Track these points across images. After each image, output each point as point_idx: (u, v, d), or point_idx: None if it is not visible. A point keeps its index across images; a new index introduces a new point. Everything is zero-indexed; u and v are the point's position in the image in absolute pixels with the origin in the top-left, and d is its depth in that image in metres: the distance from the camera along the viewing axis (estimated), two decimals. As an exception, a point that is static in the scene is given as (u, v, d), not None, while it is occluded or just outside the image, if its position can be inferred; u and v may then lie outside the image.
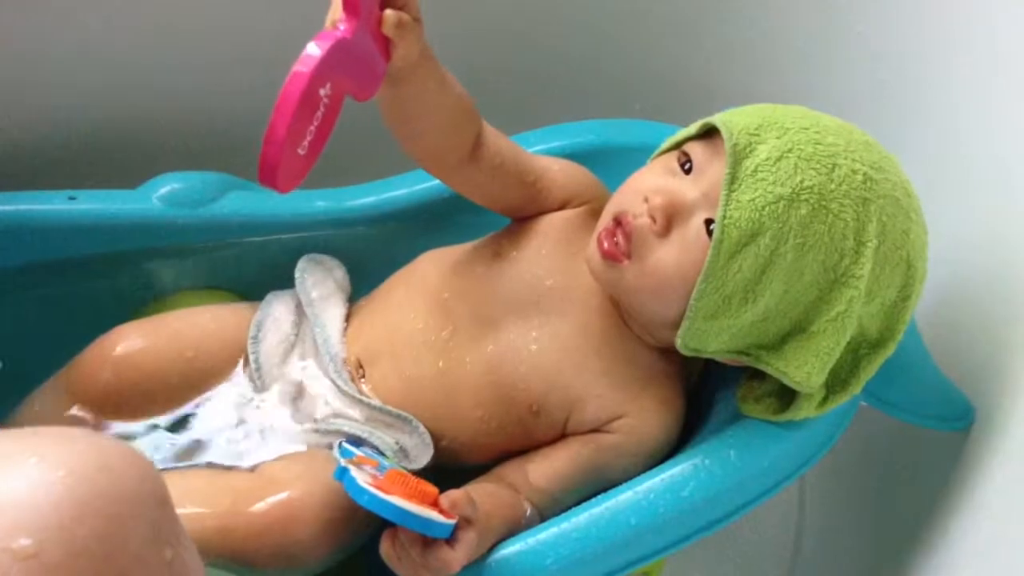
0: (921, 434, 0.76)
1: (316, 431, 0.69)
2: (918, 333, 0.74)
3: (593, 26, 1.02)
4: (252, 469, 0.67)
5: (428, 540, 0.59)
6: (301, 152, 0.56)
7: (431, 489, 0.60)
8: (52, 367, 0.75)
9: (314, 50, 0.55)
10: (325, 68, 0.55)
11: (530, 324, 0.70)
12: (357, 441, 0.68)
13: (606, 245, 0.65)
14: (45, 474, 0.41)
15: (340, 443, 0.67)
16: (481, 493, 0.63)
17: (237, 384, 0.72)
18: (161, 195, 0.79)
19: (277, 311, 0.75)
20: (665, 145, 0.69)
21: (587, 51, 1.03)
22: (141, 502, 0.43)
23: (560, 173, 0.74)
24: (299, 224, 0.81)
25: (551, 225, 0.73)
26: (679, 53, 1.02)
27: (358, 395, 0.70)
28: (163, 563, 0.43)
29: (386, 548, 0.60)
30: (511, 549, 0.63)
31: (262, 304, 0.75)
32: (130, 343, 0.71)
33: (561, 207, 0.74)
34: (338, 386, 0.70)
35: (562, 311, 0.70)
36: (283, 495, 0.63)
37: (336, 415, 0.70)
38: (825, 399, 0.67)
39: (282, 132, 0.54)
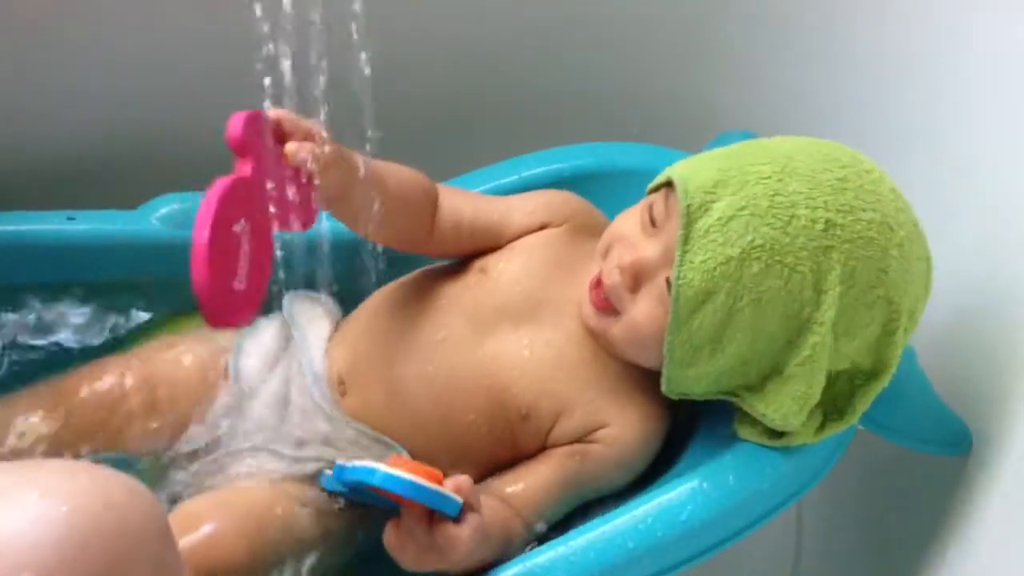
0: (919, 459, 0.76)
1: (295, 460, 0.69)
2: (916, 358, 0.74)
3: (592, 48, 1.03)
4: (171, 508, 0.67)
5: (434, 520, 0.60)
6: (240, 285, 0.58)
7: (436, 472, 0.60)
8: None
9: (211, 195, 0.57)
10: (226, 208, 0.57)
11: (523, 331, 0.71)
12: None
13: (594, 296, 0.68)
14: (47, 510, 0.41)
15: (323, 473, 0.68)
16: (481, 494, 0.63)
17: (219, 408, 0.72)
18: (160, 216, 0.79)
19: (262, 332, 0.75)
20: (652, 184, 0.70)
21: (586, 73, 1.04)
22: (144, 539, 0.43)
23: (530, 203, 0.76)
24: (299, 243, 0.80)
25: (536, 241, 0.74)
26: (679, 75, 1.02)
27: (340, 416, 0.70)
28: None
29: (390, 535, 0.61)
30: (507, 573, 0.63)
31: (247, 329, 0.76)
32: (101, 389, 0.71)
33: (540, 229, 0.75)
34: (322, 408, 0.71)
35: (554, 321, 0.71)
36: (199, 533, 0.62)
37: (317, 441, 0.70)
38: (822, 426, 0.67)
39: (204, 278, 0.56)
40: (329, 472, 0.66)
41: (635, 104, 1.04)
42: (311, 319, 0.76)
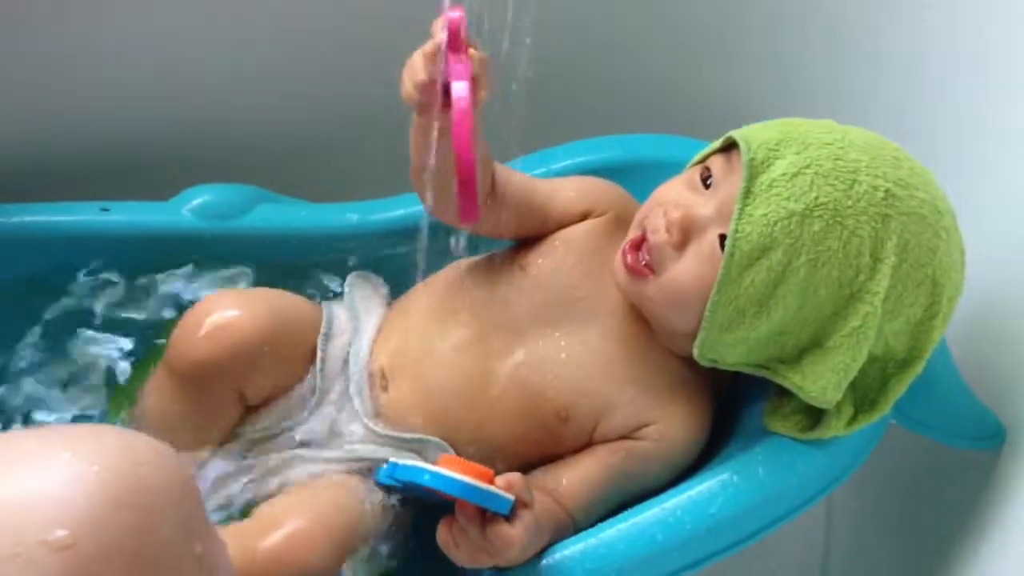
0: (950, 453, 0.75)
1: (343, 459, 0.69)
2: (948, 351, 0.73)
3: (618, 41, 1.02)
4: (248, 513, 0.67)
5: (487, 519, 0.60)
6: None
7: (486, 470, 0.61)
8: (81, 375, 0.76)
9: (462, 88, 0.57)
10: (472, 90, 0.58)
11: (559, 333, 0.70)
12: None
13: (629, 259, 0.67)
14: (79, 469, 0.42)
15: (377, 467, 0.68)
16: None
17: (303, 395, 0.72)
18: (192, 207, 0.80)
19: (339, 315, 0.76)
20: (696, 157, 0.70)
21: (613, 66, 1.03)
22: (172, 497, 0.44)
23: (573, 188, 0.75)
24: (329, 236, 0.81)
25: (575, 235, 0.73)
26: (706, 68, 1.02)
27: (372, 423, 0.70)
28: (194, 557, 0.44)
29: (443, 534, 0.61)
30: (537, 564, 0.63)
31: (324, 305, 0.76)
32: (223, 307, 0.71)
33: (582, 219, 0.74)
34: (355, 409, 0.71)
35: (591, 319, 0.70)
36: (283, 531, 0.63)
37: (357, 440, 0.70)
38: (854, 418, 0.67)
39: (473, 163, 0.55)
40: (383, 466, 0.66)
41: (659, 97, 1.03)
42: (368, 313, 0.76)
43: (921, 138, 0.78)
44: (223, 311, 0.70)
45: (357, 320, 0.75)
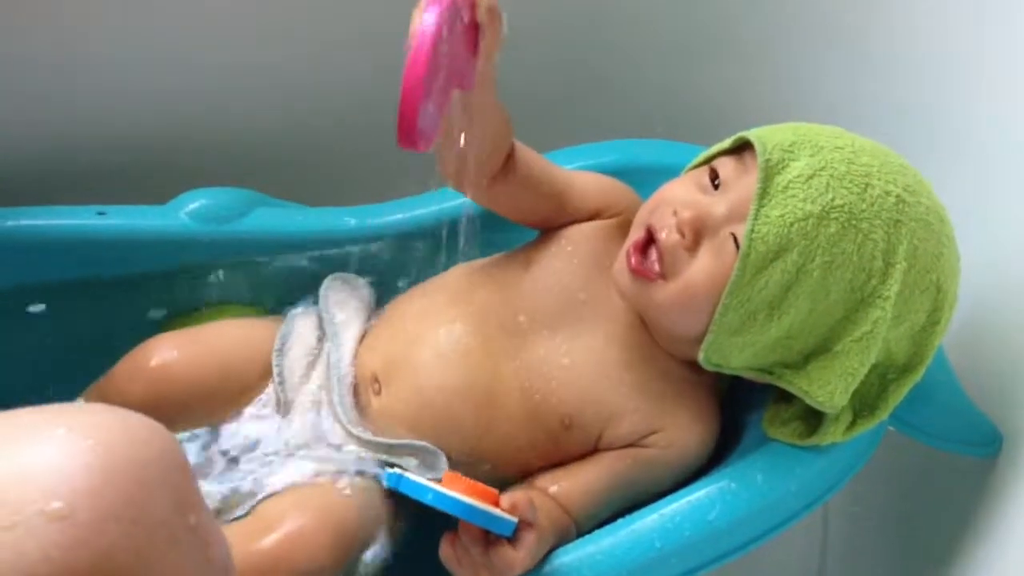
0: (947, 459, 0.76)
1: (330, 459, 0.68)
2: (946, 358, 0.73)
3: (615, 47, 1.02)
4: (247, 513, 0.67)
5: (490, 540, 0.60)
6: (429, 108, 0.56)
7: (491, 490, 0.60)
8: (79, 380, 0.76)
9: (431, 14, 0.56)
10: (443, 23, 0.56)
11: (561, 337, 0.70)
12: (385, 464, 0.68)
13: (634, 262, 0.66)
14: (75, 443, 0.43)
15: (385, 471, 0.67)
16: (536, 500, 0.63)
17: (265, 404, 0.72)
18: (189, 211, 0.79)
19: (301, 326, 0.75)
20: (698, 159, 0.70)
21: (610, 72, 1.03)
22: (166, 470, 0.45)
23: (590, 183, 0.74)
24: (327, 240, 0.81)
25: (582, 235, 0.73)
26: (702, 74, 1.02)
27: (354, 428, 0.69)
28: (188, 528, 0.45)
29: (446, 550, 0.61)
30: (536, 570, 0.62)
31: (286, 319, 0.76)
32: (164, 355, 0.71)
33: (592, 217, 0.74)
34: (337, 415, 0.70)
35: (594, 324, 0.70)
36: (283, 530, 0.63)
37: (346, 445, 0.69)
38: (852, 424, 0.67)
39: (419, 84, 0.54)
40: (391, 470, 0.66)
41: (656, 103, 1.03)
42: (346, 319, 0.75)
43: (916, 144, 0.79)
44: (161, 356, 0.71)
45: (334, 326, 0.74)
